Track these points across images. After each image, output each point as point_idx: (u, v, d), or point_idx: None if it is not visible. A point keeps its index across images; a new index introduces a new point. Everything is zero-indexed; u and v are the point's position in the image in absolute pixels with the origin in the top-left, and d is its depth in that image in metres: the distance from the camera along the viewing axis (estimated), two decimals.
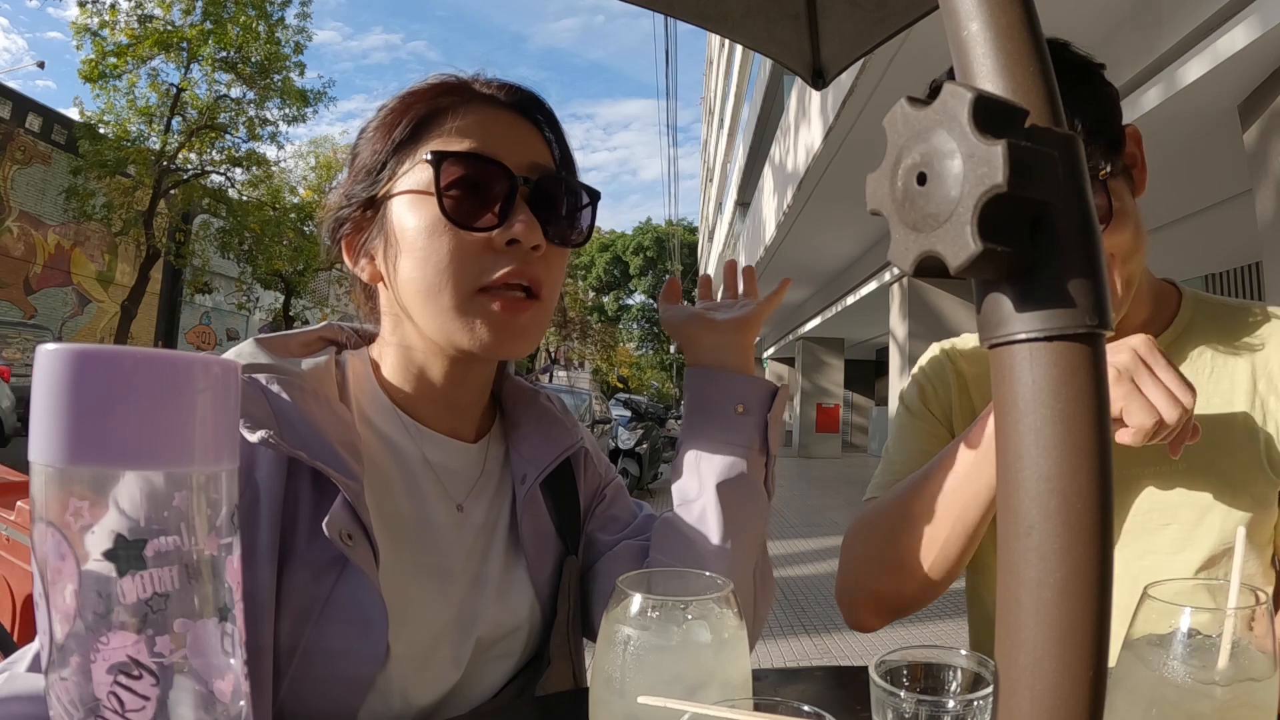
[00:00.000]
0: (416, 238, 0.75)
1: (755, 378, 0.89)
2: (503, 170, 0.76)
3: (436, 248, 0.74)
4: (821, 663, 4.04)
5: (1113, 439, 0.35)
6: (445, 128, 0.77)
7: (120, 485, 0.29)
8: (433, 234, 0.74)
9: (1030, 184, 0.32)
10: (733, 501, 0.84)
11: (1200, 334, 1.01)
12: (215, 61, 16.38)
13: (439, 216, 0.74)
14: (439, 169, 0.74)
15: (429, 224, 0.75)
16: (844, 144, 7.49)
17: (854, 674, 0.82)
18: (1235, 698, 0.54)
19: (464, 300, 0.75)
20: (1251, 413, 0.95)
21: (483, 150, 0.76)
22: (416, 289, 0.75)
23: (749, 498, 0.85)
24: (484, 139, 0.77)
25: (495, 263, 0.75)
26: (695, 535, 0.83)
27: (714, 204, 35.70)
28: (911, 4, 1.09)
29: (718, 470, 0.84)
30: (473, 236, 0.75)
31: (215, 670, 0.31)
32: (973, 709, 0.49)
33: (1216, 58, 3.73)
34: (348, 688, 0.70)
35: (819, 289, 15.98)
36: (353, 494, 0.70)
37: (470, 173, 0.75)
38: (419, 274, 0.75)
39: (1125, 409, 0.76)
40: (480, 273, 0.75)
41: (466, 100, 0.79)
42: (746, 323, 0.93)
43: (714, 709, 0.46)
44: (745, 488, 0.85)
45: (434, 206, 0.74)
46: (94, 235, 20.69)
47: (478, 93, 0.81)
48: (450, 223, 0.74)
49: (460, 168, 0.75)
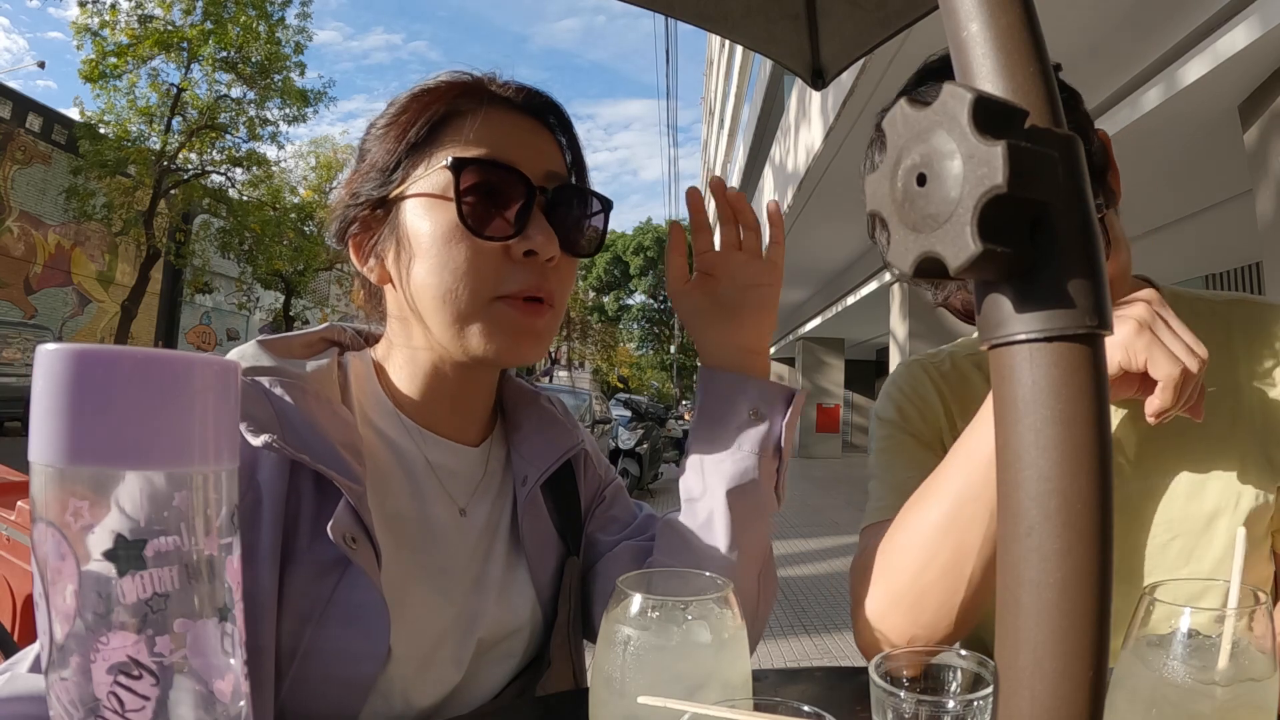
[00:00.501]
0: (432, 243, 0.74)
1: (771, 383, 0.86)
2: (522, 179, 0.75)
3: (453, 254, 0.74)
4: (822, 663, 4.03)
5: (1111, 440, 0.35)
6: (463, 131, 0.76)
7: (120, 485, 0.29)
8: (449, 240, 0.74)
9: (1030, 184, 0.32)
10: (741, 509, 0.82)
11: None
12: (215, 61, 16.41)
13: (456, 223, 0.73)
14: (459, 175, 0.73)
15: (445, 230, 0.74)
16: (844, 144, 7.48)
17: (854, 674, 0.82)
18: (1236, 698, 0.54)
19: (479, 308, 0.75)
20: (1240, 406, 0.93)
21: (501, 157, 0.75)
22: (431, 295, 0.75)
23: (757, 504, 0.83)
24: (502, 146, 0.76)
25: (512, 273, 0.75)
26: (701, 541, 0.82)
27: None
28: (911, 4, 1.09)
29: (728, 477, 0.82)
30: (490, 245, 0.74)
31: (215, 670, 0.31)
32: (973, 709, 0.49)
33: (1217, 58, 3.73)
34: (349, 689, 0.70)
35: (819, 289, 15.98)
36: (355, 497, 0.70)
37: (490, 180, 0.74)
38: (434, 280, 0.74)
39: (1150, 359, 0.73)
40: (497, 282, 0.75)
41: (484, 103, 0.78)
42: (761, 316, 0.87)
43: (714, 709, 0.46)
44: (755, 495, 0.83)
45: (450, 212, 0.74)
46: (94, 235, 20.70)
47: (495, 95, 0.80)
48: (468, 230, 0.73)
49: (480, 175, 0.74)
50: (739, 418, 0.84)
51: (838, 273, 14.00)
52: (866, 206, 0.39)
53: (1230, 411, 0.94)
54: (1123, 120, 4.52)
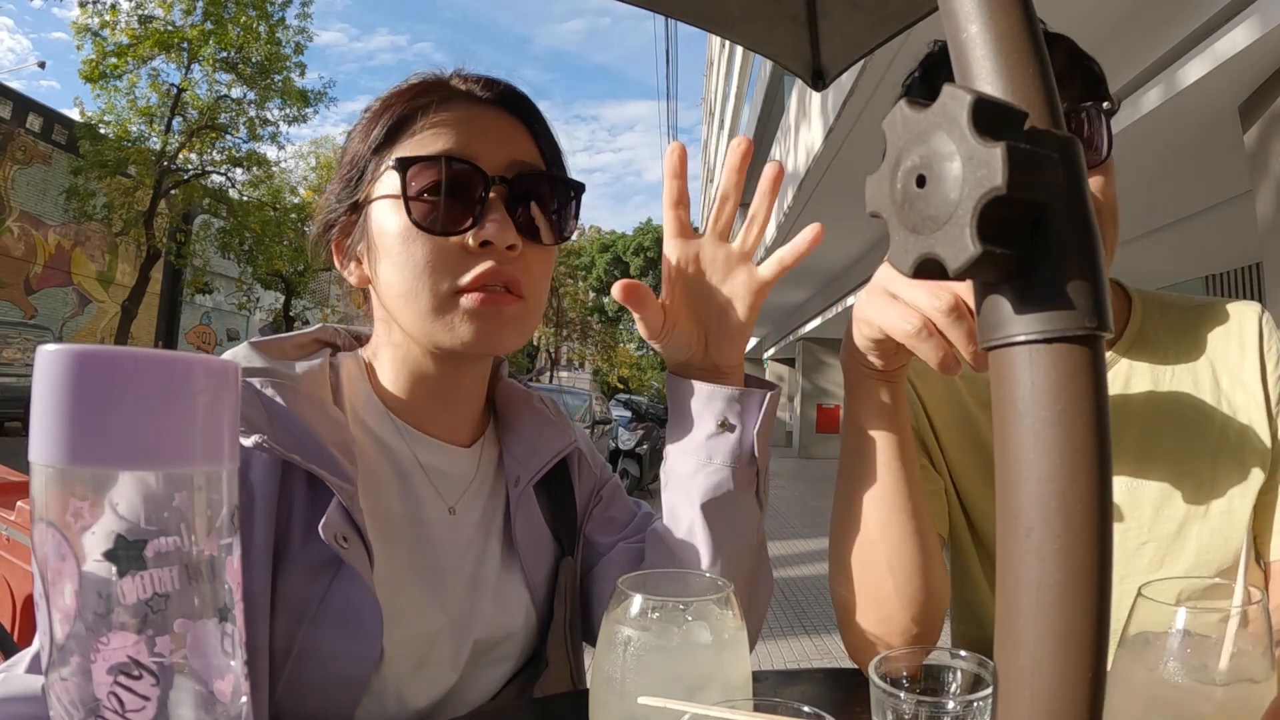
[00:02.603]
0: (394, 242, 0.75)
1: (742, 390, 0.80)
2: (474, 170, 0.75)
3: (411, 252, 0.74)
4: (821, 664, 4.03)
5: (1110, 440, 0.35)
6: (418, 129, 0.76)
7: (120, 486, 0.29)
8: (407, 239, 0.74)
9: (1029, 186, 0.32)
10: (719, 521, 0.80)
11: (1155, 334, 0.97)
12: (216, 62, 16.40)
13: (409, 221, 0.74)
14: (404, 174, 0.74)
15: (402, 229, 0.75)
16: (844, 144, 7.49)
17: (854, 675, 0.82)
18: (1234, 699, 0.54)
19: (441, 302, 0.75)
20: (1219, 410, 0.93)
21: (456, 151, 0.75)
22: (396, 292, 0.76)
23: (737, 512, 0.81)
24: (458, 139, 0.76)
25: (470, 264, 0.75)
26: (684, 553, 0.80)
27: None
28: (911, 5, 1.09)
29: (700, 491, 0.79)
30: (446, 240, 0.74)
31: (215, 670, 0.31)
32: (972, 710, 0.49)
33: (1217, 58, 3.74)
34: (342, 689, 0.70)
35: (820, 290, 15.99)
36: (347, 496, 0.70)
37: (439, 176, 0.74)
38: (397, 278, 0.75)
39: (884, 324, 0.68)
40: (455, 275, 0.75)
41: (444, 99, 0.78)
42: (746, 318, 0.80)
43: (714, 710, 0.47)
44: (732, 504, 0.80)
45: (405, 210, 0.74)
46: (94, 235, 20.69)
47: (455, 90, 0.80)
48: (417, 228, 0.74)
49: (428, 172, 0.74)
50: (706, 429, 0.80)
51: (838, 273, 14.01)
52: (867, 207, 0.39)
53: (1201, 418, 0.93)
54: (1123, 121, 4.52)
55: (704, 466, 0.80)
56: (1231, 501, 0.90)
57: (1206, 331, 0.97)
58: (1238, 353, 0.95)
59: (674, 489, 0.82)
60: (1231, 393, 0.94)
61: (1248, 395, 0.93)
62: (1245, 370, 0.94)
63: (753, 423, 0.81)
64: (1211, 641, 0.56)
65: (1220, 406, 0.93)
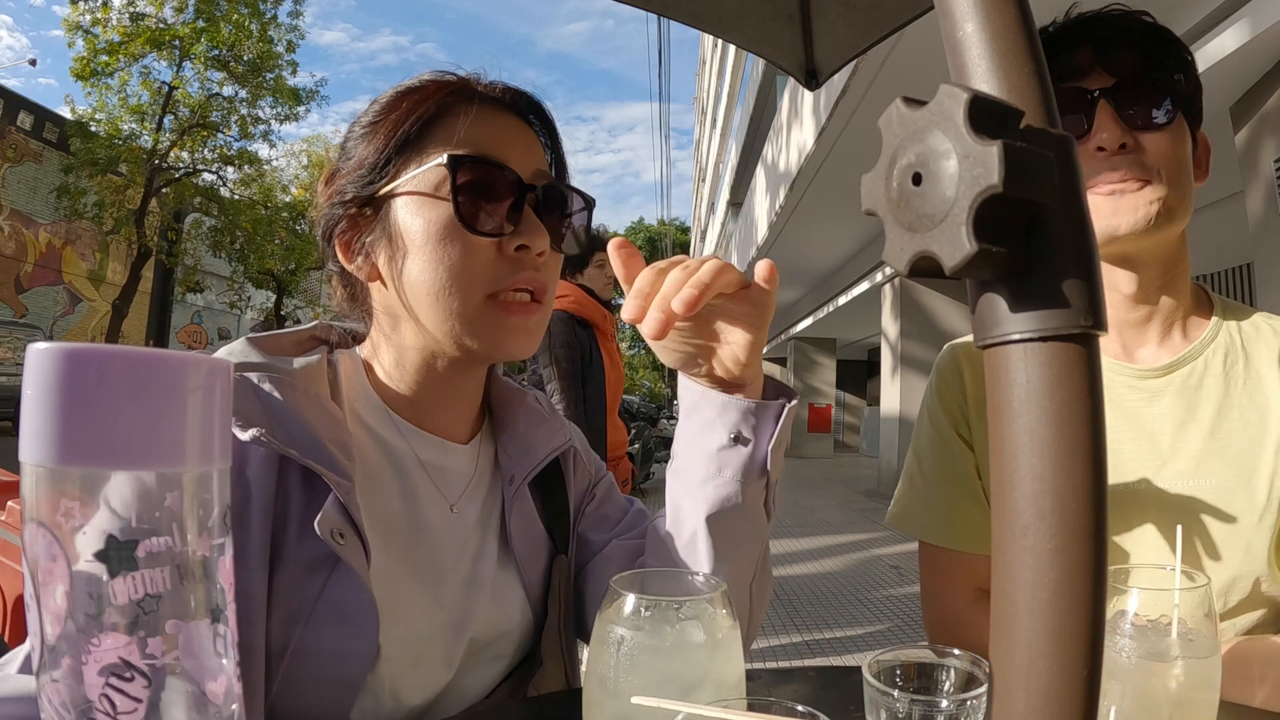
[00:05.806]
0: (426, 240, 0.75)
1: (758, 403, 0.76)
2: (514, 176, 0.76)
3: (447, 251, 0.74)
4: (815, 663, 4.04)
5: (1106, 440, 0.35)
6: (454, 129, 0.77)
7: (111, 485, 0.29)
8: (443, 237, 0.74)
9: (1026, 185, 0.32)
10: (724, 533, 0.78)
11: (1231, 341, 0.97)
12: (207, 59, 16.37)
13: (449, 220, 0.74)
14: (455, 172, 0.74)
15: (439, 227, 0.74)
16: (836, 144, 7.50)
17: (847, 674, 0.82)
18: (1185, 675, 0.58)
19: (473, 305, 0.75)
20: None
21: (494, 155, 0.76)
22: (425, 291, 0.75)
23: (743, 524, 0.79)
24: (493, 144, 0.77)
25: (505, 269, 0.76)
26: (686, 562, 0.80)
27: (706, 204, 35.74)
28: (905, 5, 1.09)
29: (708, 503, 0.77)
30: (483, 241, 0.75)
31: (207, 672, 0.31)
32: (966, 708, 0.49)
33: (1208, 60, 3.75)
34: (339, 688, 0.70)
35: (811, 289, 16.01)
36: (344, 492, 0.69)
37: (483, 178, 0.75)
38: (429, 276, 0.75)
39: None
40: (489, 279, 0.75)
41: (473, 102, 0.79)
42: (757, 334, 0.75)
43: (708, 709, 0.46)
44: (739, 518, 0.78)
45: (443, 209, 0.74)
46: (85, 234, 20.59)
47: (483, 95, 0.80)
48: (463, 227, 0.74)
49: (475, 172, 0.75)
50: (718, 440, 0.76)
51: (829, 273, 14.04)
52: (862, 205, 0.39)
53: (1275, 422, 0.93)
54: None
55: (713, 478, 0.77)
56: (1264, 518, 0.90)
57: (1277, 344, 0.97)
58: None
59: (680, 489, 0.81)
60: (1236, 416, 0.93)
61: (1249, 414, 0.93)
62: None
63: (767, 438, 0.77)
64: (1159, 622, 0.61)
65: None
